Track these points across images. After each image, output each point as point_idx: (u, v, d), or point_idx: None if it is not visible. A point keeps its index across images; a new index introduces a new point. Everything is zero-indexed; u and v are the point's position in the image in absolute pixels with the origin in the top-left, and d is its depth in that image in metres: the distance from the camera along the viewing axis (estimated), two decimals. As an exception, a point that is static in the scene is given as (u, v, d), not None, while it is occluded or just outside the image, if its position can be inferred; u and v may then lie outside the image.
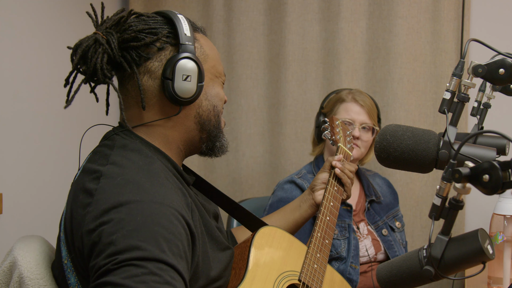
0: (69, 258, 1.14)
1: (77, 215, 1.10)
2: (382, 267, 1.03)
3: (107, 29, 1.20)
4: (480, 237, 0.93)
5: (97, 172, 1.14)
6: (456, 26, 2.48)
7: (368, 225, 2.06)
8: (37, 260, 1.23)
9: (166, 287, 0.98)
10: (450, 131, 0.99)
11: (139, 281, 0.96)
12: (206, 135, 1.29)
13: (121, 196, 1.06)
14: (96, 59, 1.16)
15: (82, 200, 1.11)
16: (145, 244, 1.00)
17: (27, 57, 2.04)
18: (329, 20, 2.59)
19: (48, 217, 2.13)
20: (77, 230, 1.09)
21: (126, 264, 0.97)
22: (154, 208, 1.06)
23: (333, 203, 1.58)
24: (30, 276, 1.20)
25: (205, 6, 2.69)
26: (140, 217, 1.03)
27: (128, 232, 1.01)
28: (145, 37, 1.20)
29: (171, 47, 1.21)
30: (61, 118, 2.22)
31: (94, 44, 1.18)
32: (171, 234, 1.04)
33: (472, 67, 1.01)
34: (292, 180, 2.02)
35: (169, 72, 1.18)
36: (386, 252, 2.03)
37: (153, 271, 0.98)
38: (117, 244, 1.00)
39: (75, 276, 1.13)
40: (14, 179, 1.97)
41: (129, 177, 1.11)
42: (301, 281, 1.39)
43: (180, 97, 1.19)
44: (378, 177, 2.24)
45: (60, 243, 1.18)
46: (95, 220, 1.05)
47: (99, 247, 1.01)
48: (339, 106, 2.04)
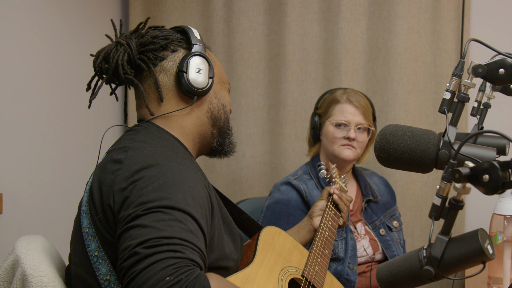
0: (91, 225, 1.19)
1: (106, 179, 1.18)
2: (382, 267, 1.03)
3: (127, 36, 1.36)
4: (480, 237, 0.93)
5: (125, 147, 1.23)
6: (456, 26, 2.48)
7: (365, 225, 2.06)
8: (39, 257, 1.24)
9: (190, 235, 1.04)
10: (450, 131, 0.99)
11: (166, 225, 1.03)
12: (217, 130, 1.42)
13: (151, 160, 1.17)
14: (118, 56, 1.31)
15: (111, 168, 1.20)
16: (173, 196, 1.08)
17: (27, 57, 2.04)
18: (329, 20, 2.59)
19: (48, 217, 2.13)
20: (107, 191, 1.16)
21: (155, 211, 1.05)
22: (182, 170, 1.16)
23: (331, 223, 1.70)
24: (33, 274, 1.21)
25: (205, 6, 2.69)
26: (169, 175, 1.13)
27: (158, 185, 1.09)
28: (160, 41, 1.34)
29: (183, 49, 1.37)
30: (61, 118, 2.22)
31: (116, 46, 1.33)
32: (196, 194, 1.13)
33: (472, 67, 1.01)
34: (288, 182, 2.02)
35: (184, 66, 1.32)
36: (384, 252, 2.03)
37: (179, 219, 1.05)
38: (147, 195, 1.08)
39: (96, 241, 1.18)
40: (14, 179, 1.97)
41: (157, 149, 1.22)
42: (304, 276, 1.44)
43: (194, 87, 1.32)
44: (375, 176, 2.24)
45: (81, 216, 1.23)
46: (127, 179, 1.13)
47: (130, 199, 1.09)
48: (334, 107, 2.04)
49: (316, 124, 2.09)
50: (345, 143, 2.00)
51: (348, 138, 2.00)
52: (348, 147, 2.01)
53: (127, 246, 1.01)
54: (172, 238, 1.01)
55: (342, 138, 2.00)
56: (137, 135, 1.29)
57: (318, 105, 2.12)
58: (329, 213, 1.71)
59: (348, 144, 2.00)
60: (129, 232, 1.03)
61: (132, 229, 1.03)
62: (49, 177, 2.16)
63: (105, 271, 1.17)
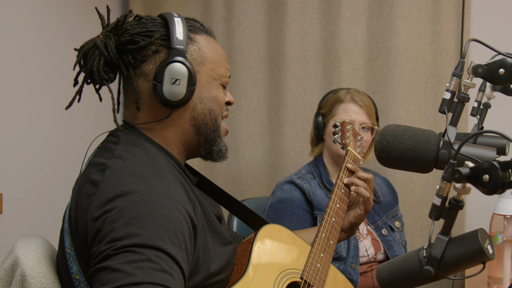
0: (72, 247, 1.16)
1: (82, 204, 1.13)
2: (382, 267, 1.03)
3: (107, 32, 1.23)
4: (480, 237, 0.93)
5: (103, 165, 1.17)
6: (456, 26, 2.48)
7: (367, 225, 2.06)
8: (39, 258, 1.24)
9: (163, 275, 0.99)
10: (450, 131, 0.99)
11: (136, 267, 0.98)
12: (203, 138, 1.30)
13: (125, 186, 1.09)
14: (93, 61, 1.21)
15: (87, 190, 1.14)
16: (146, 231, 1.02)
17: (27, 57, 2.04)
18: (329, 20, 2.59)
19: (48, 217, 2.13)
20: (82, 219, 1.11)
21: (125, 250, 1.00)
22: (156, 199, 1.09)
23: (339, 205, 1.56)
24: (33, 275, 1.20)
25: (205, 6, 2.69)
26: (142, 206, 1.06)
27: (130, 219, 1.03)
28: (141, 40, 1.22)
29: (166, 49, 1.23)
30: (61, 118, 2.22)
31: (93, 47, 1.22)
32: (172, 225, 1.06)
33: (472, 67, 1.01)
34: (292, 181, 2.02)
35: (159, 75, 1.21)
36: (385, 252, 2.03)
37: (151, 258, 0.99)
38: (118, 231, 1.02)
39: (77, 265, 1.15)
40: (14, 179, 1.97)
41: (134, 169, 1.14)
42: (303, 279, 1.38)
43: (169, 100, 1.21)
44: (377, 176, 2.24)
45: (64, 233, 1.20)
46: (100, 208, 1.07)
47: (101, 233, 1.04)
48: (338, 106, 2.04)
49: (320, 124, 2.08)
50: None
51: None
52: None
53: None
54: (142, 284, 0.96)
55: None
56: (118, 147, 1.21)
57: (322, 105, 2.12)
58: (338, 194, 1.56)
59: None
60: (99, 275, 1.00)
61: (103, 272, 0.99)
62: (49, 177, 2.15)
63: None
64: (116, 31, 1.23)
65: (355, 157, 1.71)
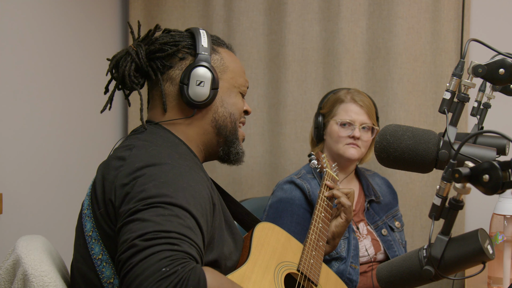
0: (94, 229, 1.21)
1: (109, 176, 1.21)
2: (382, 267, 1.03)
3: (138, 42, 1.39)
4: (480, 237, 0.93)
5: (130, 145, 1.26)
6: (456, 26, 2.48)
7: (367, 225, 2.06)
8: (41, 257, 1.25)
9: (188, 231, 1.05)
10: (450, 131, 0.99)
11: (165, 219, 1.05)
12: (223, 139, 1.41)
13: (153, 158, 1.19)
14: (125, 67, 1.34)
15: (114, 164, 1.22)
16: (174, 193, 1.10)
17: (27, 57, 2.04)
18: (329, 20, 2.59)
19: (48, 217, 2.13)
20: (109, 186, 1.19)
21: (155, 205, 1.07)
22: (184, 170, 1.19)
23: (324, 214, 1.69)
24: (35, 274, 1.21)
25: (205, 6, 2.69)
26: (171, 174, 1.15)
27: (160, 183, 1.12)
28: (169, 48, 1.36)
29: (191, 57, 1.37)
30: (62, 118, 2.22)
31: (125, 55, 1.36)
32: (197, 194, 1.15)
33: (472, 67, 1.01)
34: (292, 181, 2.02)
35: (186, 78, 1.34)
36: (385, 252, 2.03)
37: (178, 215, 1.07)
38: (148, 191, 1.10)
39: (100, 244, 1.20)
40: (14, 179, 1.97)
41: (161, 149, 1.25)
42: (300, 271, 1.45)
43: (193, 100, 1.34)
44: (377, 176, 2.24)
45: (83, 219, 1.25)
46: (129, 175, 1.16)
47: (131, 195, 1.11)
48: (338, 106, 2.05)
49: (320, 124, 2.09)
50: (349, 142, 2.02)
51: (353, 137, 2.01)
52: (353, 146, 2.02)
53: (126, 239, 1.03)
54: (171, 232, 1.02)
55: (347, 137, 2.02)
56: (143, 135, 1.31)
57: (322, 105, 2.13)
58: (321, 204, 1.71)
59: (352, 143, 2.02)
60: (128, 226, 1.05)
61: (132, 223, 1.05)
62: (49, 177, 2.16)
63: (109, 274, 1.19)
64: (146, 41, 1.38)
65: (333, 177, 1.85)
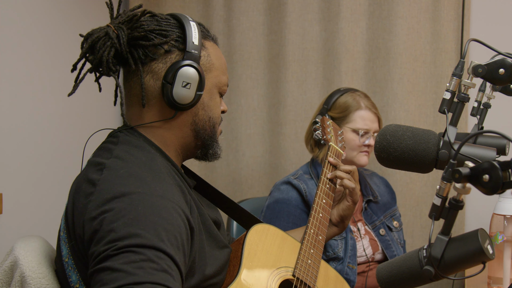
0: (70, 256, 1.16)
1: (79, 203, 1.13)
2: (382, 267, 1.03)
3: (119, 24, 1.23)
4: (480, 237, 0.93)
5: (101, 165, 1.17)
6: (456, 26, 2.48)
7: (365, 225, 2.06)
8: (38, 259, 1.24)
9: (163, 275, 0.99)
10: (450, 131, 0.99)
11: (137, 267, 0.97)
12: (201, 142, 1.32)
13: (123, 187, 1.10)
14: (103, 51, 1.20)
15: (84, 189, 1.14)
16: (145, 232, 1.02)
17: (27, 57, 2.04)
18: (329, 20, 2.59)
19: (48, 217, 2.13)
20: (79, 218, 1.11)
21: (125, 251, 0.99)
22: (155, 200, 1.09)
23: (325, 200, 1.59)
24: (32, 275, 1.20)
25: (205, 6, 2.69)
26: (141, 207, 1.06)
27: (129, 220, 1.04)
28: (155, 37, 1.22)
29: (178, 51, 1.24)
30: (62, 118, 2.22)
31: (104, 37, 1.21)
32: (170, 226, 1.07)
33: (472, 67, 1.01)
34: (288, 181, 2.02)
35: (171, 76, 1.22)
36: (383, 252, 2.03)
37: (151, 258, 1.00)
38: (117, 231, 1.02)
39: (76, 273, 1.15)
40: (14, 179, 1.97)
41: (132, 170, 1.15)
42: (295, 276, 1.39)
43: (177, 102, 1.23)
44: (375, 176, 2.24)
45: (61, 242, 1.20)
46: (97, 208, 1.07)
47: (99, 234, 1.04)
48: (354, 113, 2.02)
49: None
50: (364, 150, 2.02)
51: (368, 146, 2.02)
52: (366, 153, 2.03)
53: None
54: (144, 283, 0.96)
55: (362, 146, 2.01)
56: (117, 147, 1.21)
57: (330, 107, 2.06)
58: (323, 189, 1.60)
59: (366, 150, 2.03)
60: (99, 276, 0.99)
61: (103, 272, 0.98)
62: (49, 177, 2.15)
63: None
64: (130, 25, 1.23)
65: (337, 151, 1.74)
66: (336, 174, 1.64)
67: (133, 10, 1.27)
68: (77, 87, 1.25)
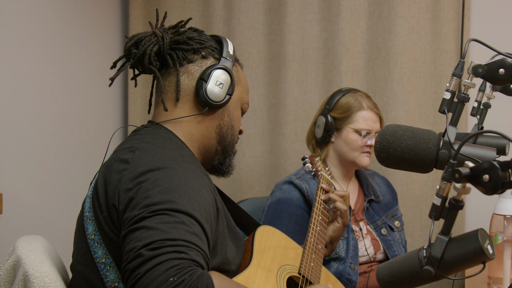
0: (96, 232, 1.20)
1: (112, 179, 1.19)
2: (382, 267, 1.03)
3: (165, 29, 1.37)
4: (480, 237, 0.93)
5: (133, 147, 1.24)
6: (456, 26, 2.48)
7: (367, 224, 2.06)
8: (41, 258, 1.24)
9: (194, 238, 1.05)
10: (450, 131, 0.99)
11: (171, 227, 1.04)
12: (221, 148, 1.41)
13: (157, 162, 1.17)
14: (148, 46, 1.31)
15: (117, 167, 1.20)
16: (179, 199, 1.09)
17: (27, 57, 2.04)
18: (329, 20, 2.59)
19: (48, 217, 2.13)
20: (113, 191, 1.16)
21: (160, 213, 1.06)
22: (188, 175, 1.17)
23: (321, 217, 1.71)
24: (35, 274, 1.21)
25: (205, 6, 2.69)
26: (176, 179, 1.14)
27: (164, 189, 1.10)
28: (194, 44, 1.36)
29: (213, 59, 1.37)
30: (62, 118, 2.22)
31: (150, 36, 1.34)
32: (202, 199, 1.14)
33: (472, 67, 1.01)
34: (290, 181, 2.02)
35: (206, 75, 1.33)
36: (385, 252, 2.03)
37: (184, 221, 1.06)
38: (153, 197, 1.09)
39: (103, 248, 1.19)
40: (14, 179, 1.97)
41: (164, 152, 1.23)
42: (301, 274, 1.46)
43: (209, 98, 1.33)
44: (377, 176, 2.24)
45: (85, 222, 1.23)
46: (133, 180, 1.14)
47: (135, 200, 1.10)
48: (357, 113, 2.01)
49: (331, 126, 2.05)
50: (365, 151, 2.02)
51: (370, 146, 2.02)
52: (368, 154, 2.03)
53: (132, 247, 1.02)
54: (177, 240, 1.02)
55: (364, 146, 2.01)
56: (145, 136, 1.29)
57: (332, 107, 2.06)
58: (318, 208, 1.72)
59: (368, 151, 2.03)
60: (134, 234, 1.04)
61: (138, 231, 1.04)
62: (49, 177, 2.16)
63: (113, 278, 1.18)
64: (174, 30, 1.36)
65: (328, 180, 1.86)
66: (329, 196, 1.74)
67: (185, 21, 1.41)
68: (113, 79, 1.36)
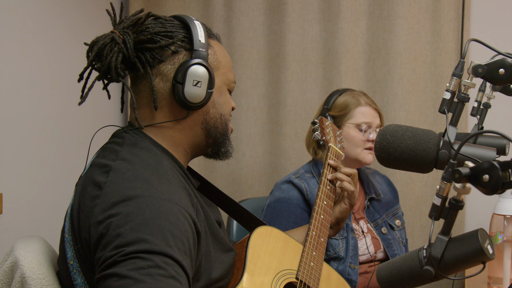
0: (75, 258, 1.15)
1: (85, 206, 1.12)
2: (382, 267, 1.03)
3: (124, 29, 1.22)
4: (480, 237, 0.93)
5: (107, 167, 1.15)
6: (456, 26, 2.48)
7: (367, 223, 2.06)
8: (39, 260, 1.23)
9: (171, 281, 0.99)
10: (450, 131, 0.99)
11: (145, 274, 0.97)
12: (212, 140, 1.32)
13: (130, 190, 1.08)
14: (111, 57, 1.18)
15: (90, 192, 1.13)
16: (152, 237, 1.01)
17: (28, 57, 2.04)
18: (329, 20, 2.59)
19: (48, 217, 2.13)
20: (85, 221, 1.10)
21: (133, 257, 0.98)
22: (162, 204, 1.08)
23: (326, 202, 1.59)
24: (33, 276, 1.20)
25: (205, 6, 2.69)
26: (148, 212, 1.05)
27: (136, 225, 1.02)
28: (161, 39, 1.22)
29: (185, 51, 1.24)
30: (62, 118, 2.22)
31: (111, 43, 1.20)
32: (177, 230, 1.06)
33: (472, 67, 1.01)
34: (290, 180, 2.02)
35: (180, 76, 1.21)
36: (385, 251, 2.03)
37: (158, 265, 0.99)
38: (124, 236, 1.01)
39: (82, 276, 1.14)
40: (14, 179, 1.97)
41: (139, 173, 1.13)
42: (299, 279, 1.40)
43: (189, 101, 1.22)
44: (378, 174, 2.24)
45: (65, 244, 1.19)
46: (104, 212, 1.06)
47: (106, 238, 1.03)
48: (355, 109, 2.02)
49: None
50: (368, 147, 2.01)
51: (372, 141, 2.01)
52: (370, 151, 2.02)
53: None
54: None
55: (366, 141, 2.01)
56: (123, 149, 1.20)
57: (330, 107, 2.06)
58: (324, 191, 1.59)
59: (370, 147, 2.01)
60: (107, 282, 0.98)
61: (110, 279, 0.98)
62: (49, 178, 2.15)
63: None
64: (135, 29, 1.22)
65: (337, 153, 1.73)
66: (336, 176, 1.63)
67: (135, 15, 1.26)
68: (86, 96, 1.23)
